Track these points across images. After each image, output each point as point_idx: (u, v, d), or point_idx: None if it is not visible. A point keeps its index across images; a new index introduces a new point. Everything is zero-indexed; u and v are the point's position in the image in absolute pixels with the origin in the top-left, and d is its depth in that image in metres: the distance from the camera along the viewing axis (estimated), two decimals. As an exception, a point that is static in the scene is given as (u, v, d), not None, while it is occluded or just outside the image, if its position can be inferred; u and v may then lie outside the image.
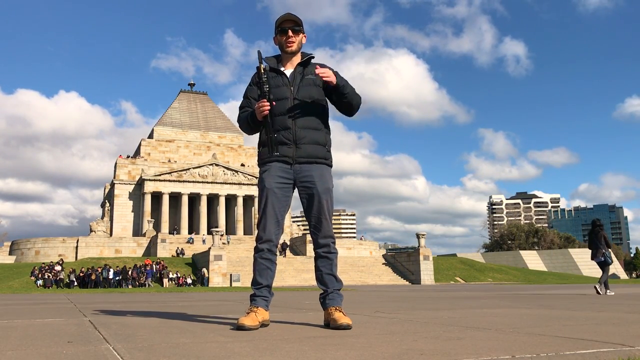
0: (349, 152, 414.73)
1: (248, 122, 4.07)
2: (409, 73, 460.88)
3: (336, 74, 4.02)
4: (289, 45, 4.03)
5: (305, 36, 4.12)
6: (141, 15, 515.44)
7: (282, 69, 4.08)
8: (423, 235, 50.00)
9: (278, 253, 52.84)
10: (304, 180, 3.98)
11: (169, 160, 76.97)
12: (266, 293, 4.00)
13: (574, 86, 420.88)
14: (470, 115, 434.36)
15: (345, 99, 4.05)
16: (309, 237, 58.12)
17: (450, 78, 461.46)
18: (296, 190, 4.11)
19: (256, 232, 4.09)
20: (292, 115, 3.94)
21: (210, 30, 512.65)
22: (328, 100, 4.16)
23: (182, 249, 56.89)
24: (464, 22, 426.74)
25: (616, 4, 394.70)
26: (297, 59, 4.11)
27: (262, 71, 3.89)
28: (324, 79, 3.88)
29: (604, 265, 13.57)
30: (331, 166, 4.13)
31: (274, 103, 3.90)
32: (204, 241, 61.80)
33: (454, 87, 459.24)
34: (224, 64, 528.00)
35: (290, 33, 4.00)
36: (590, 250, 13.73)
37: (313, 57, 4.13)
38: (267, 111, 3.85)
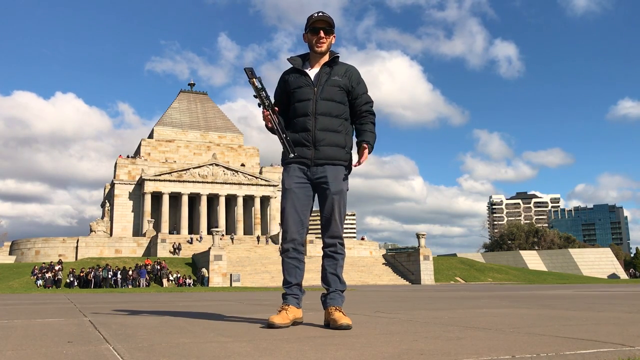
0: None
1: (266, 127, 4.12)
2: (403, 75, 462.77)
3: (369, 143, 4.05)
4: (320, 45, 4.02)
5: (335, 36, 4.10)
6: (135, 19, 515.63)
7: (308, 68, 4.09)
8: (423, 235, 49.98)
9: (279, 252, 53.07)
10: (320, 182, 4.01)
11: (168, 160, 76.99)
12: (297, 291, 4.05)
13: (566, 88, 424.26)
14: (465, 116, 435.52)
15: None
16: (309, 237, 58.12)
17: (444, 80, 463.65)
18: None
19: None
20: (313, 116, 3.96)
21: (204, 33, 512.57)
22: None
23: (179, 244, 56.96)
24: (454, 25, 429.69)
25: (604, 8, 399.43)
26: (325, 59, 4.10)
27: (255, 85, 3.91)
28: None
29: None
30: (350, 167, 4.11)
31: (276, 108, 3.94)
32: (199, 239, 61.85)
33: (448, 89, 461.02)
34: (218, 66, 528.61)
35: (322, 34, 3.99)
36: None
37: (339, 56, 4.12)
38: (270, 121, 3.90)
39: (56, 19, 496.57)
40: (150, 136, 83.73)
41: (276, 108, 3.96)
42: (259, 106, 3.96)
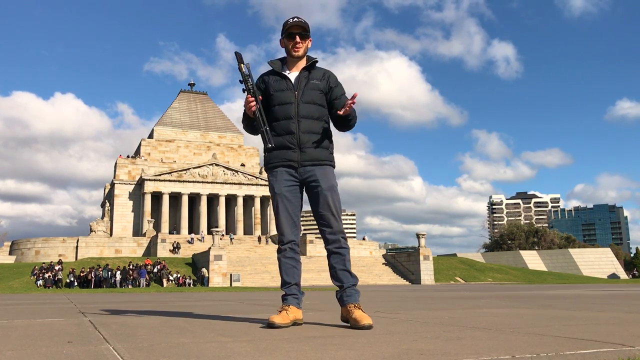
0: (344, 153, 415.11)
1: (245, 120, 4.18)
2: (401, 75, 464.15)
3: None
4: (296, 50, 4.10)
5: (311, 40, 4.18)
6: (133, 20, 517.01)
7: (287, 72, 4.15)
8: (423, 235, 49.97)
9: (278, 252, 52.65)
10: (309, 181, 4.06)
11: (168, 160, 76.95)
12: (296, 291, 4.06)
13: (564, 88, 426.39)
14: (463, 116, 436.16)
15: (345, 124, 4.16)
16: (309, 237, 58.08)
17: (443, 80, 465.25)
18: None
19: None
20: (296, 119, 4.02)
21: (202, 34, 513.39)
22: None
23: (178, 242, 57.06)
24: (452, 26, 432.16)
25: (601, 9, 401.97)
26: (302, 63, 4.18)
27: (243, 70, 3.96)
28: (344, 112, 3.98)
29: None
30: (334, 167, 4.22)
31: (260, 97, 4.00)
32: (201, 239, 61.90)
33: (446, 89, 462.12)
34: (217, 67, 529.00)
35: (297, 39, 4.07)
36: None
37: (317, 62, 4.20)
38: (254, 106, 3.93)
39: (55, 20, 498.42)
40: (150, 136, 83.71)
41: (260, 97, 4.01)
42: (244, 92, 3.98)
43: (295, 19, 4.07)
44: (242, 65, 3.96)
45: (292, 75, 4.13)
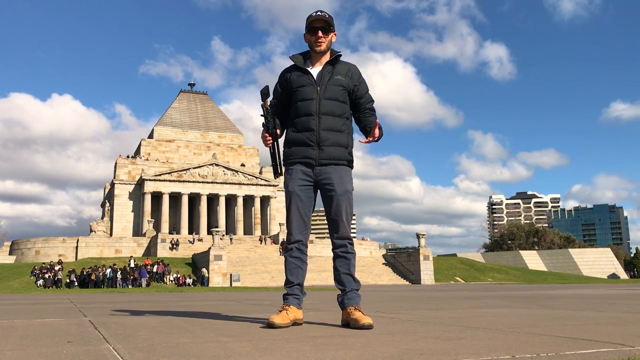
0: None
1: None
2: (396, 76, 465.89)
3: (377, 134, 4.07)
4: (319, 45, 4.04)
5: (335, 34, 4.12)
6: (128, 23, 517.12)
7: (309, 66, 4.12)
8: (423, 235, 49.98)
9: (279, 252, 52.99)
10: (324, 183, 4.03)
11: (168, 160, 76.95)
12: (298, 291, 4.05)
13: (558, 90, 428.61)
14: (459, 117, 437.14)
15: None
16: (310, 237, 57.96)
17: (438, 81, 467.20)
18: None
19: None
20: (317, 116, 3.99)
21: (197, 37, 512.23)
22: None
23: (177, 239, 57.13)
24: (444, 28, 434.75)
25: (591, 13, 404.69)
26: (326, 57, 4.13)
27: (266, 107, 4.04)
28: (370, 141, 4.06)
29: None
30: (352, 167, 4.17)
31: (277, 132, 4.07)
32: (201, 239, 61.98)
33: (441, 90, 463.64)
34: (212, 69, 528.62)
35: (320, 33, 4.01)
36: None
37: (341, 55, 4.15)
38: (270, 144, 4.06)
39: (51, 22, 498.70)
40: (150, 136, 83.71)
41: (277, 131, 4.07)
42: (263, 126, 4.05)
43: (319, 13, 4.01)
44: (266, 101, 4.02)
45: (315, 70, 4.08)
